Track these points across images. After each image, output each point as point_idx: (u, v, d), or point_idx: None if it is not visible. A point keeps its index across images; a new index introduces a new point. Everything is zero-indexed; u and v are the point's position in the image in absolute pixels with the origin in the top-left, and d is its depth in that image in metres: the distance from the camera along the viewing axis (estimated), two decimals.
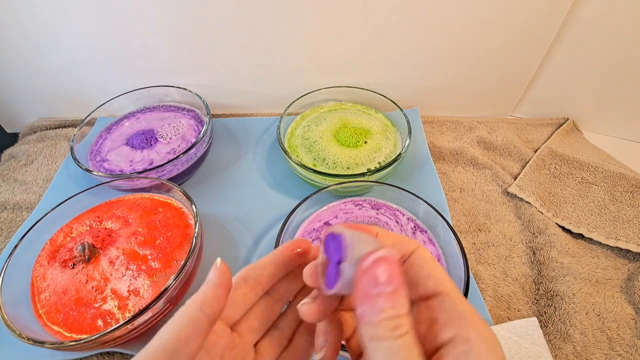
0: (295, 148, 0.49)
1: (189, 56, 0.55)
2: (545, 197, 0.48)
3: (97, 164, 0.48)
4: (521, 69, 0.55)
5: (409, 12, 0.48)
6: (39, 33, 0.51)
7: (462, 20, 0.49)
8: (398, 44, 0.52)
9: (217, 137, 0.57)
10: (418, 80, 0.57)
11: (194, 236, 0.35)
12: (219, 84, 0.59)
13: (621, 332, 0.36)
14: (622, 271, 0.41)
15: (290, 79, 0.57)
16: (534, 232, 0.44)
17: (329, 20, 0.50)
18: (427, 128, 0.58)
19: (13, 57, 0.54)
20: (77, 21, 0.50)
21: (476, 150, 0.54)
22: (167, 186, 0.41)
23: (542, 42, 0.51)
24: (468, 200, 0.48)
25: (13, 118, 0.63)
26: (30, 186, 0.51)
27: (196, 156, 0.48)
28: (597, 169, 0.49)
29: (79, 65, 0.55)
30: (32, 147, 0.57)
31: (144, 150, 0.49)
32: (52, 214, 0.39)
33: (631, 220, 0.44)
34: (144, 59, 0.55)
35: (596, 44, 0.50)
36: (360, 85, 0.55)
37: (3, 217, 0.48)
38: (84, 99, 0.59)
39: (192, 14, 0.49)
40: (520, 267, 0.41)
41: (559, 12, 0.48)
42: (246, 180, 0.50)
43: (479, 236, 0.44)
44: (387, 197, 0.42)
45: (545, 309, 0.38)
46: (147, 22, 0.50)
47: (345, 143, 0.48)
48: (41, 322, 0.33)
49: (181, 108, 0.56)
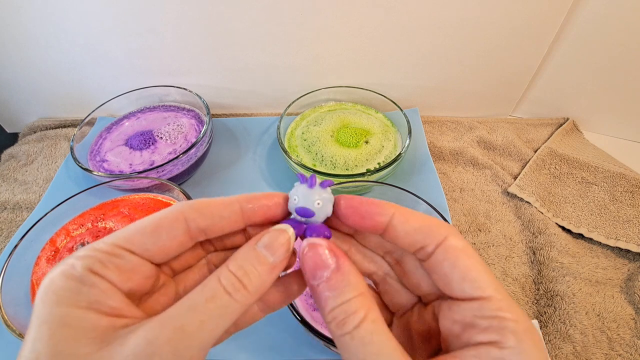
0: (295, 148, 0.49)
1: (189, 56, 0.55)
2: (545, 197, 0.48)
3: (97, 164, 0.48)
4: (521, 69, 0.55)
5: (409, 12, 0.48)
6: (39, 33, 0.51)
7: (462, 20, 0.49)
8: (398, 43, 0.52)
9: (217, 137, 0.57)
10: (418, 80, 0.57)
11: None
12: (219, 84, 0.59)
13: (621, 332, 0.36)
14: (622, 271, 0.41)
15: (290, 79, 0.57)
16: (534, 232, 0.44)
17: (329, 20, 0.50)
18: (427, 128, 0.58)
19: (13, 57, 0.54)
20: (77, 21, 0.50)
21: (476, 150, 0.54)
22: (167, 186, 0.41)
23: (542, 42, 0.51)
24: (468, 200, 0.48)
25: (13, 118, 0.63)
26: (30, 186, 0.51)
27: (196, 156, 0.48)
28: (597, 169, 0.49)
29: (79, 65, 0.55)
30: (32, 147, 0.57)
31: (143, 151, 0.49)
32: (52, 214, 0.39)
33: (631, 220, 0.44)
34: (144, 59, 0.55)
35: (596, 44, 0.50)
36: (360, 85, 0.55)
37: (3, 217, 0.48)
38: (84, 99, 0.59)
39: (193, 14, 0.49)
40: (520, 267, 0.42)
41: (559, 12, 0.48)
42: (246, 180, 0.50)
43: (479, 236, 0.44)
44: (387, 197, 0.42)
45: (545, 309, 0.38)
46: (147, 22, 0.50)
47: (345, 143, 0.48)
48: None
49: (181, 108, 0.56)
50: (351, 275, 0.15)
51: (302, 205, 0.17)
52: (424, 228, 0.16)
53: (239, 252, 0.16)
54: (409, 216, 0.16)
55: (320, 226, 0.17)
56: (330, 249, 0.16)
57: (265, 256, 0.16)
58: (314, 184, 0.17)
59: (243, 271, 0.15)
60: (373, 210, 0.16)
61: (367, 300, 0.15)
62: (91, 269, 0.14)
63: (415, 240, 0.16)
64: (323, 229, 0.17)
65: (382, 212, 0.16)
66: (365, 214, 0.17)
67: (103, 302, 0.14)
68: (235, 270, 0.15)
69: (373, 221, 0.16)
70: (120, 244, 0.15)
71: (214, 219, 0.17)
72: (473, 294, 0.14)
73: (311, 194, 0.17)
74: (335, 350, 0.29)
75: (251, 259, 0.16)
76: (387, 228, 0.16)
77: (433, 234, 0.15)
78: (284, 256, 0.16)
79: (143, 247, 0.15)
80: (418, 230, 0.16)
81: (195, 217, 0.16)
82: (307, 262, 0.16)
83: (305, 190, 0.17)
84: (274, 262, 0.16)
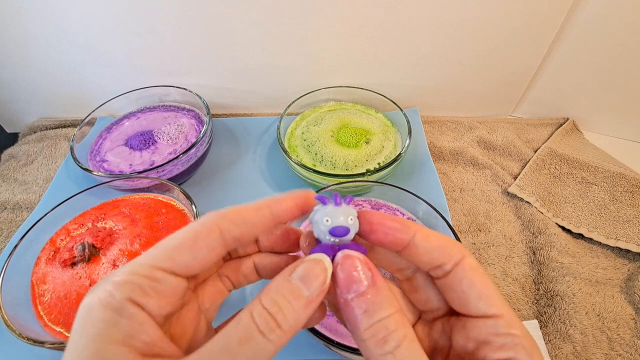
0: (295, 148, 0.49)
1: (189, 56, 0.55)
2: (545, 197, 0.48)
3: (97, 164, 0.48)
4: (521, 69, 0.55)
5: (409, 12, 0.48)
6: (39, 33, 0.51)
7: (462, 20, 0.49)
8: (398, 43, 0.52)
9: (217, 137, 0.57)
10: (418, 80, 0.57)
11: None
12: (219, 84, 0.59)
13: (621, 332, 0.36)
14: (622, 271, 0.41)
15: (290, 79, 0.57)
16: (534, 232, 0.44)
17: (329, 20, 0.50)
18: (427, 128, 0.58)
19: (13, 57, 0.54)
20: (77, 21, 0.50)
21: (476, 150, 0.54)
22: (167, 186, 0.41)
23: (542, 42, 0.51)
24: (468, 200, 0.48)
25: (13, 118, 0.63)
26: (30, 186, 0.51)
27: (196, 156, 0.48)
28: (597, 169, 0.49)
29: (79, 65, 0.55)
30: (32, 147, 0.57)
31: (143, 151, 0.49)
32: (52, 214, 0.39)
33: (631, 220, 0.44)
34: (144, 59, 0.55)
35: (596, 44, 0.50)
36: (360, 85, 0.55)
37: (3, 217, 0.48)
38: (84, 99, 0.59)
39: (193, 14, 0.49)
40: (520, 267, 0.41)
41: (559, 12, 0.48)
42: (246, 180, 0.50)
43: (479, 236, 0.44)
44: (387, 197, 0.42)
45: (545, 309, 0.38)
46: (148, 22, 0.50)
47: (345, 143, 0.48)
48: (42, 323, 0.33)
49: (181, 108, 0.56)
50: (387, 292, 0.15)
51: (336, 225, 0.16)
52: (443, 247, 0.16)
53: (272, 283, 0.15)
54: (430, 235, 0.17)
55: (354, 244, 0.17)
56: (365, 263, 0.16)
57: (301, 289, 0.15)
58: (341, 202, 0.17)
59: (277, 307, 0.14)
60: (397, 228, 0.16)
61: (404, 318, 0.14)
62: (131, 298, 0.14)
63: (434, 258, 0.16)
64: (357, 246, 0.17)
65: (405, 230, 0.16)
66: (389, 230, 0.17)
67: (138, 337, 0.13)
68: (269, 307, 0.14)
69: (396, 238, 0.16)
70: (160, 265, 0.15)
71: (247, 227, 0.16)
72: (487, 312, 0.15)
73: (341, 211, 0.17)
74: (336, 350, 0.29)
75: (285, 292, 0.15)
76: (408, 245, 0.16)
77: (451, 253, 0.16)
78: (321, 289, 0.15)
79: (184, 264, 0.15)
80: (437, 248, 0.16)
81: (229, 226, 0.16)
82: (341, 274, 0.15)
83: (334, 209, 0.17)
84: (309, 296, 0.15)
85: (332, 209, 0.17)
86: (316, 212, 0.17)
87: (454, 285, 0.16)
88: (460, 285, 0.16)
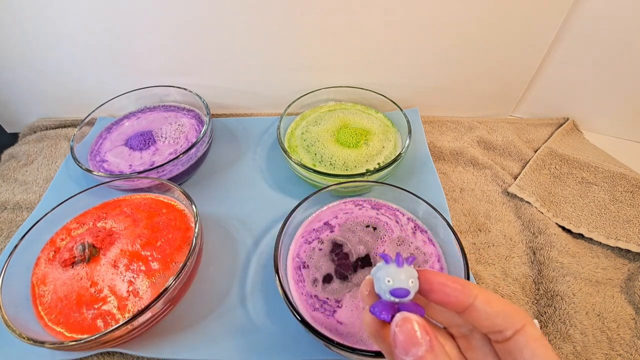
0: (295, 148, 0.49)
1: (189, 56, 0.55)
2: (545, 197, 0.48)
3: (97, 164, 0.48)
4: (521, 69, 0.55)
5: (409, 12, 0.48)
6: (39, 33, 0.51)
7: (462, 20, 0.49)
8: (398, 43, 0.52)
9: (217, 137, 0.57)
10: (418, 80, 0.57)
11: (194, 236, 0.35)
12: (219, 84, 0.59)
13: (621, 332, 0.36)
14: (622, 271, 0.41)
15: (290, 79, 0.57)
16: (534, 232, 0.44)
17: (329, 20, 0.50)
18: (427, 128, 0.58)
19: (13, 57, 0.54)
20: (77, 21, 0.50)
21: (476, 150, 0.54)
22: (167, 186, 0.41)
23: (542, 42, 0.51)
24: (468, 200, 0.48)
25: (13, 118, 0.63)
26: (30, 186, 0.51)
27: (196, 156, 0.48)
28: (597, 169, 0.49)
29: (79, 65, 0.55)
30: (32, 147, 0.57)
31: (143, 151, 0.49)
32: (52, 214, 0.39)
33: (631, 220, 0.44)
34: (144, 59, 0.55)
35: (596, 44, 0.50)
36: (360, 85, 0.55)
37: (3, 217, 0.48)
38: (84, 99, 0.59)
39: (193, 14, 0.49)
40: (520, 267, 0.41)
41: (559, 12, 0.48)
42: (246, 180, 0.50)
43: (479, 236, 0.44)
44: (387, 197, 0.42)
45: (545, 309, 0.38)
46: (148, 21, 0.50)
47: (345, 143, 0.48)
48: (42, 323, 0.33)
49: (181, 108, 0.56)
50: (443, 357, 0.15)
51: (398, 287, 0.17)
52: (505, 313, 0.16)
53: None
54: (491, 299, 0.17)
55: (413, 304, 0.17)
56: (423, 326, 0.16)
57: None
58: (403, 263, 0.18)
59: None
60: (458, 289, 0.17)
61: None
62: None
63: (495, 324, 0.16)
64: (416, 307, 0.17)
65: (467, 292, 0.17)
66: (451, 292, 0.17)
67: None
68: None
69: (457, 300, 0.17)
70: None
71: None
72: None
73: (402, 273, 0.17)
74: (336, 350, 0.29)
75: None
76: (468, 308, 0.17)
77: (513, 320, 0.16)
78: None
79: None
80: (499, 314, 0.16)
81: None
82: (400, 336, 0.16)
83: (396, 269, 0.17)
84: None
85: (395, 270, 0.17)
86: (378, 270, 0.18)
87: (515, 353, 0.16)
88: (521, 354, 0.16)
